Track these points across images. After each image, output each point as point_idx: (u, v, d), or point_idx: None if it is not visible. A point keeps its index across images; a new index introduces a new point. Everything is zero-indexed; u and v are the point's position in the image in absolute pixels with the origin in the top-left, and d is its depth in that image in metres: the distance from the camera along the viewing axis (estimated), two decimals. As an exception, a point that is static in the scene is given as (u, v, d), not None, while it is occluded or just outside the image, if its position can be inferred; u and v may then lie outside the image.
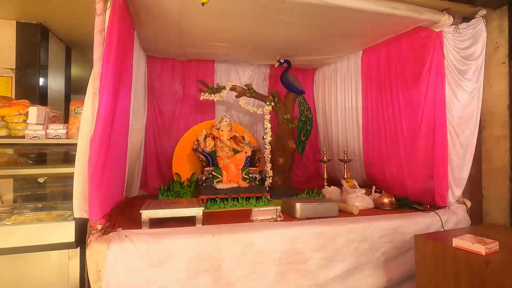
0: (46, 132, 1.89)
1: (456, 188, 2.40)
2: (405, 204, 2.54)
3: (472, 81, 2.38)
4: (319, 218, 2.16)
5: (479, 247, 1.45)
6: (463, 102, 2.38)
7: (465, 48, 2.40)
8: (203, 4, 1.51)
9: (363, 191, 2.63)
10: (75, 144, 1.76)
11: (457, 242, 1.52)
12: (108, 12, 1.70)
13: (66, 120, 2.14)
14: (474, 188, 2.66)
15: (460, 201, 2.48)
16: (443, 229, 2.22)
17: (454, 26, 2.38)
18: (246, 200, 2.66)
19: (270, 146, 3.06)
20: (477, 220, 2.64)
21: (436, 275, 1.61)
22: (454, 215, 2.35)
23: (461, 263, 1.47)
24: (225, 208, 2.53)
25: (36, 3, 2.53)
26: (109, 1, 1.69)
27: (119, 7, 1.80)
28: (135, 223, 1.87)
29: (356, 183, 2.79)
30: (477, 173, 2.71)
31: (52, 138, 1.90)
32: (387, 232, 2.13)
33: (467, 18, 2.44)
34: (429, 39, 2.47)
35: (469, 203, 2.48)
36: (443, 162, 2.38)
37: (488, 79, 2.64)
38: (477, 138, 2.41)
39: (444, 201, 2.41)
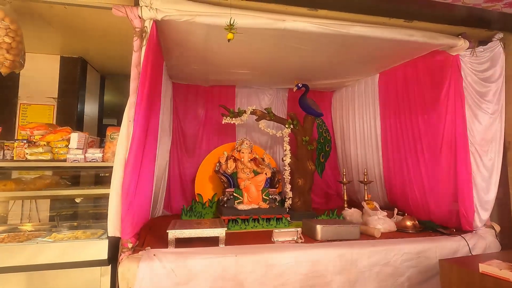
0: (85, 156, 2.07)
1: (482, 211, 2.34)
2: (429, 227, 2.49)
3: (493, 102, 2.38)
4: (340, 240, 2.16)
5: (508, 273, 1.41)
6: (485, 123, 2.37)
7: (484, 71, 2.42)
8: (229, 40, 1.66)
9: (385, 213, 2.60)
10: (110, 167, 1.92)
11: (483, 267, 1.49)
12: (143, 49, 1.90)
13: (101, 144, 2.33)
14: (503, 211, 2.57)
15: (488, 225, 2.40)
16: (470, 254, 2.14)
17: (471, 49, 2.42)
18: (266, 221, 2.70)
19: (289, 168, 3.12)
20: (508, 245, 2.52)
21: (463, 302, 1.56)
22: (482, 239, 2.27)
23: (489, 289, 1.44)
24: (246, 229, 2.58)
25: (78, 39, 2.84)
26: (145, 40, 1.89)
27: (153, 44, 2.00)
28: (161, 241, 1.97)
29: (377, 205, 2.77)
30: (505, 196, 2.62)
31: (90, 161, 2.08)
32: (411, 256, 2.09)
33: (483, 42, 2.47)
34: (446, 63, 2.51)
35: (498, 227, 2.40)
36: (467, 184, 2.34)
37: (510, 100, 2.61)
38: (502, 159, 2.37)
39: (470, 225, 2.34)
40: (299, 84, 3.25)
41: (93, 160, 2.08)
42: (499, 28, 2.45)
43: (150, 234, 2.26)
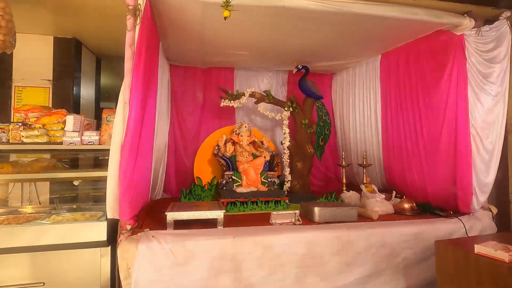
0: (81, 139, 2.05)
1: (480, 194, 2.34)
2: (426, 209, 2.50)
3: (497, 84, 2.32)
4: (338, 222, 2.18)
5: (502, 254, 1.42)
6: (487, 106, 2.33)
7: (488, 51, 2.35)
8: (225, 18, 1.60)
9: (383, 196, 2.62)
10: (107, 150, 1.90)
11: (479, 248, 1.50)
12: (137, 28, 1.83)
13: (98, 127, 2.30)
14: (500, 194, 2.58)
15: (485, 208, 2.41)
16: (466, 236, 2.17)
17: (476, 29, 2.34)
18: (265, 204, 2.71)
19: (288, 151, 3.11)
20: (504, 228, 2.55)
21: (457, 282, 1.59)
22: (479, 222, 2.29)
23: (484, 270, 1.45)
24: (245, 211, 2.60)
25: (71, 19, 2.75)
26: (139, 18, 1.82)
27: (148, 22, 1.93)
28: (160, 224, 1.99)
29: (375, 188, 2.78)
30: (504, 179, 2.62)
31: (86, 144, 2.06)
32: (407, 237, 2.11)
33: (490, 21, 2.39)
34: (450, 43, 2.44)
35: (495, 210, 2.41)
36: (466, 167, 2.33)
37: (514, 82, 2.55)
38: (503, 142, 2.34)
39: (468, 207, 2.35)
40: (299, 66, 3.18)
41: (90, 143, 2.06)
42: (507, 6, 2.35)
43: (149, 216, 2.28)
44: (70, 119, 2.05)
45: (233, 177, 2.91)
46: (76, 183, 2.20)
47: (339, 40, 2.82)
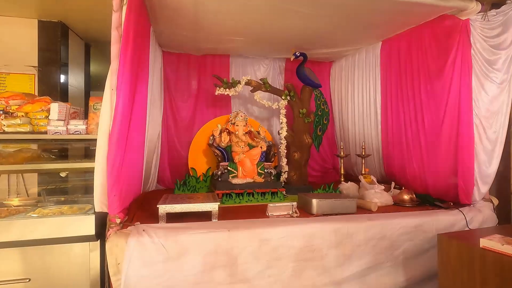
0: (67, 128, 1.94)
1: (482, 185, 2.28)
2: (426, 201, 2.45)
3: (502, 71, 2.23)
4: (336, 214, 2.12)
5: (510, 248, 1.36)
6: (492, 94, 2.24)
7: (495, 37, 2.25)
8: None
9: (382, 187, 2.56)
10: (95, 140, 1.79)
11: (484, 242, 1.44)
12: (124, 8, 1.70)
13: (86, 116, 2.18)
14: (502, 185, 2.53)
15: (487, 199, 2.36)
16: (467, 228, 2.12)
17: (483, 13, 2.24)
18: (261, 195, 2.64)
19: (285, 141, 3.02)
20: (505, 219, 2.51)
21: (461, 277, 1.53)
22: (480, 213, 2.24)
23: (489, 266, 1.39)
24: (241, 203, 2.53)
25: (57, 1, 2.59)
26: (125, -4, 1.69)
27: (136, 3, 1.80)
28: (153, 217, 1.90)
29: (374, 179, 2.72)
30: (505, 170, 2.56)
31: (73, 133, 1.95)
32: (407, 229, 2.05)
33: (497, 4, 2.27)
34: (454, 28, 2.33)
35: (496, 201, 2.36)
36: (469, 157, 2.26)
37: (520, 69, 2.47)
38: (507, 132, 2.28)
39: (469, 199, 2.30)
40: (296, 53, 3.07)
41: (77, 133, 1.95)
42: (515, -11, 2.25)
43: (141, 209, 2.20)
44: (55, 107, 1.93)
45: (228, 168, 2.83)
46: (63, 174, 2.09)
47: (338, 26, 2.71)
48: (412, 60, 2.73)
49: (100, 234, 1.80)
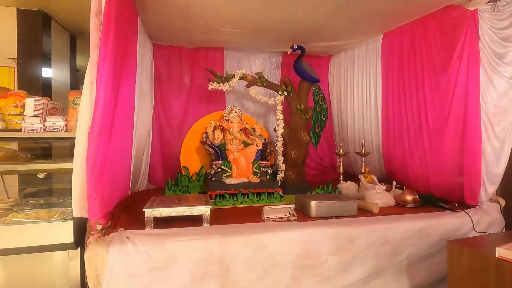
0: (44, 125, 1.77)
1: (489, 185, 2.17)
2: (430, 202, 2.34)
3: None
4: (336, 217, 1.99)
5: (529, 258, 1.25)
6: (501, 89, 2.12)
7: (504, 28, 2.12)
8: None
9: (384, 187, 2.43)
10: (74, 138, 1.64)
11: (501, 252, 1.31)
12: (104, -8, 1.54)
13: (66, 112, 2.02)
14: (509, 185, 2.42)
15: (493, 200, 2.25)
16: (474, 231, 2.01)
17: (492, 3, 2.10)
18: (257, 196, 2.51)
19: (282, 139, 2.89)
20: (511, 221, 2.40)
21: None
22: (487, 215, 2.13)
23: (508, 278, 1.27)
24: (235, 204, 2.39)
25: (36, -13, 2.40)
26: (105, -20, 1.53)
27: (117, -13, 1.63)
28: (139, 222, 1.76)
29: (375, 178, 2.60)
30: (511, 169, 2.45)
31: (51, 131, 1.79)
32: (411, 233, 1.93)
33: (507, -6, 2.15)
34: (461, 19, 2.20)
35: (503, 202, 2.26)
36: (475, 156, 2.14)
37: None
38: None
39: (475, 200, 2.19)
40: (294, 46, 2.91)
41: (55, 130, 1.79)
42: (527, -23, 2.12)
43: (128, 212, 2.05)
44: (30, 102, 1.76)
45: (222, 167, 2.69)
46: (41, 176, 1.93)
47: (338, 17, 2.57)
48: (416, 54, 2.60)
49: (80, 241, 1.64)
